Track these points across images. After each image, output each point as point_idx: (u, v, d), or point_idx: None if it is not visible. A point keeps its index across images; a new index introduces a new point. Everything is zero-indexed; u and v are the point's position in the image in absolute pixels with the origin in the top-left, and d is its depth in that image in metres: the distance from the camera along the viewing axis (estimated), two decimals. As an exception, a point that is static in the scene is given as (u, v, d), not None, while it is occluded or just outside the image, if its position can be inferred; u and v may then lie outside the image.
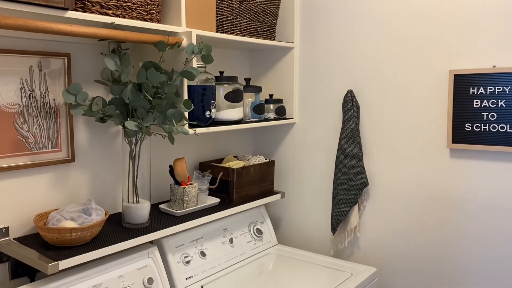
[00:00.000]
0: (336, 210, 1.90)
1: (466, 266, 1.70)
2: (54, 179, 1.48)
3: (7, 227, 1.37)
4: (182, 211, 1.65)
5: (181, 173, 1.67)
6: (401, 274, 1.85)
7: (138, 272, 1.46)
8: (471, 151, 1.65)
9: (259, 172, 1.94)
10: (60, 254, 1.26)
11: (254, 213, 2.01)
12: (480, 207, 1.65)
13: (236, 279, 1.68)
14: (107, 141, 1.63)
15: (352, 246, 1.97)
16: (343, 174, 1.88)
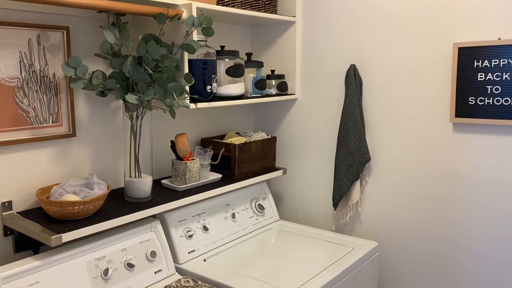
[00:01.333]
0: (338, 185, 1.90)
1: (467, 241, 1.70)
2: (56, 154, 1.48)
3: (10, 201, 1.37)
4: (184, 186, 1.66)
5: (182, 149, 1.67)
6: (402, 249, 1.86)
7: (141, 245, 1.48)
8: (475, 125, 1.64)
9: (260, 148, 1.94)
10: (63, 227, 1.27)
11: (256, 189, 2.01)
12: (483, 181, 1.65)
13: (238, 253, 1.69)
14: (108, 116, 1.62)
15: (354, 221, 1.98)
16: (345, 150, 1.88)
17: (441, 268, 1.78)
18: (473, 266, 1.70)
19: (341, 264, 1.59)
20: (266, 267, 1.57)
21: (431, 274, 1.80)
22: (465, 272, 1.72)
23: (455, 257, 1.74)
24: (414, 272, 1.84)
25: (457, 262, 1.74)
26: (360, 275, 1.67)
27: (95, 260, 1.35)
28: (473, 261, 1.70)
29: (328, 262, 1.61)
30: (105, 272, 1.34)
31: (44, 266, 1.24)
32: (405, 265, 1.86)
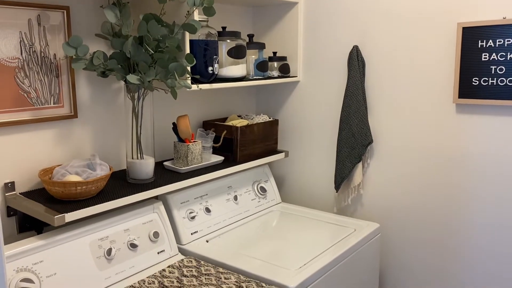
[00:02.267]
0: (340, 167, 1.90)
1: (469, 223, 1.71)
2: (58, 135, 1.48)
3: (13, 181, 1.38)
4: (187, 168, 1.66)
5: (184, 130, 1.66)
6: (404, 231, 1.87)
7: (143, 226, 1.48)
8: (478, 106, 1.63)
9: (262, 130, 1.94)
10: (66, 207, 1.28)
11: (258, 172, 2.01)
12: (487, 162, 1.64)
13: (241, 235, 1.70)
14: (110, 97, 1.62)
15: (356, 203, 1.98)
16: (348, 132, 1.87)
17: (442, 250, 1.78)
18: (474, 247, 1.71)
19: (343, 245, 1.60)
20: (269, 248, 1.58)
21: (433, 256, 1.81)
22: (466, 253, 1.73)
23: (456, 239, 1.74)
24: (415, 253, 1.85)
25: (458, 245, 1.74)
26: (361, 256, 1.68)
27: (98, 240, 1.35)
28: (475, 242, 1.70)
29: (330, 243, 1.62)
30: (108, 252, 1.35)
31: (47, 246, 1.25)
32: (407, 246, 1.87)
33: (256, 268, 1.42)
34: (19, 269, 1.17)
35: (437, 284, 1.81)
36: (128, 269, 1.39)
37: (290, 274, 1.39)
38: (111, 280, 1.34)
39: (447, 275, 1.79)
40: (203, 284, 1.34)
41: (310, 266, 1.44)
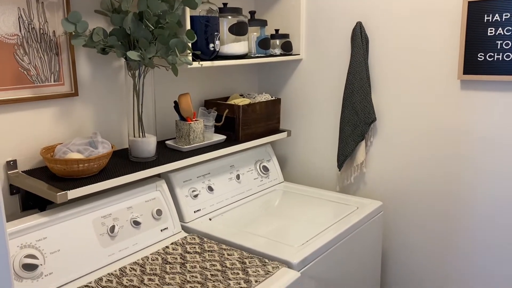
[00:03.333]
0: (343, 146, 1.89)
1: (472, 201, 1.70)
2: (59, 113, 1.47)
3: (15, 160, 1.37)
4: (189, 146, 1.65)
5: (186, 109, 1.65)
6: (407, 209, 1.87)
7: (146, 204, 1.49)
8: (483, 82, 1.61)
9: (265, 109, 1.92)
10: (68, 184, 1.28)
11: (260, 151, 2.00)
12: (491, 140, 1.63)
13: (244, 213, 1.70)
14: (111, 75, 1.60)
15: (358, 182, 1.98)
16: (351, 110, 1.85)
17: (445, 228, 1.78)
18: (477, 226, 1.71)
19: (346, 223, 1.60)
20: (271, 225, 1.58)
21: (436, 234, 1.81)
22: (469, 231, 1.73)
23: (460, 217, 1.74)
24: (418, 231, 1.85)
25: (461, 222, 1.74)
26: (364, 234, 1.68)
27: (101, 218, 1.36)
28: (478, 221, 1.70)
29: (332, 221, 1.62)
30: (111, 229, 1.35)
31: (50, 223, 1.25)
32: (410, 224, 1.87)
33: (259, 245, 1.42)
34: (23, 246, 1.17)
35: (440, 261, 1.82)
36: (131, 246, 1.39)
37: (293, 250, 1.39)
38: (115, 257, 1.34)
39: (450, 253, 1.79)
40: (206, 260, 1.34)
41: (312, 243, 1.45)
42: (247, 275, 1.26)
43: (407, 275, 1.91)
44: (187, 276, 1.26)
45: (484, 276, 1.72)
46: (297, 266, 1.33)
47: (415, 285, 1.90)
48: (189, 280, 1.24)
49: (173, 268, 1.30)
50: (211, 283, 1.22)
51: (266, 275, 1.26)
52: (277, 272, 1.29)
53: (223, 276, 1.26)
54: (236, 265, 1.31)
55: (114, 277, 1.25)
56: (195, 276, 1.26)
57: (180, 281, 1.23)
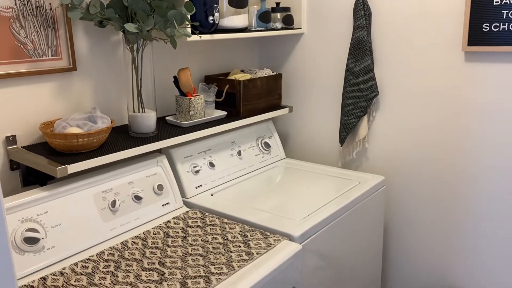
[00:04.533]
0: (345, 121, 1.88)
1: (475, 174, 1.69)
2: (57, 88, 1.45)
3: (14, 135, 1.37)
4: (189, 122, 1.64)
5: (186, 83, 1.63)
6: (409, 184, 1.86)
7: (147, 179, 1.48)
8: (488, 53, 1.57)
9: (266, 85, 1.90)
10: (68, 159, 1.27)
11: (261, 128, 1.99)
12: (497, 112, 1.61)
13: (245, 189, 1.70)
14: (109, 50, 1.58)
15: (360, 157, 1.97)
16: (353, 84, 1.83)
17: (448, 202, 1.78)
18: (480, 199, 1.70)
19: (347, 197, 1.59)
20: (273, 201, 1.58)
21: (438, 208, 1.81)
22: (471, 205, 1.72)
23: (462, 191, 1.73)
24: (421, 205, 1.85)
25: (464, 196, 1.73)
26: (366, 208, 1.68)
27: (102, 192, 1.35)
28: (480, 195, 1.69)
29: (334, 195, 1.61)
30: (112, 203, 1.35)
31: (51, 197, 1.25)
32: (412, 199, 1.86)
33: (261, 218, 1.42)
34: (24, 220, 1.17)
35: (442, 235, 1.82)
36: (133, 221, 1.39)
37: (295, 223, 1.39)
38: (116, 231, 1.35)
39: (452, 226, 1.79)
40: (208, 234, 1.34)
41: (314, 216, 1.44)
42: (249, 248, 1.26)
43: (409, 249, 1.91)
44: (189, 249, 1.26)
45: (486, 249, 1.72)
46: (299, 239, 1.33)
47: (417, 259, 1.90)
48: (191, 253, 1.24)
49: (175, 242, 1.30)
50: (213, 255, 1.23)
51: (267, 248, 1.26)
52: (279, 244, 1.29)
53: (225, 249, 1.26)
54: (237, 238, 1.31)
55: (116, 250, 1.25)
56: (197, 249, 1.26)
57: (182, 254, 1.24)
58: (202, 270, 1.15)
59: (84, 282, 1.11)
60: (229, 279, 1.12)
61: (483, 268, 1.74)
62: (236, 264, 1.18)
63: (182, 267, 1.17)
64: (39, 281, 1.10)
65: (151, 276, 1.13)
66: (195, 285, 1.09)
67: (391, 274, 1.99)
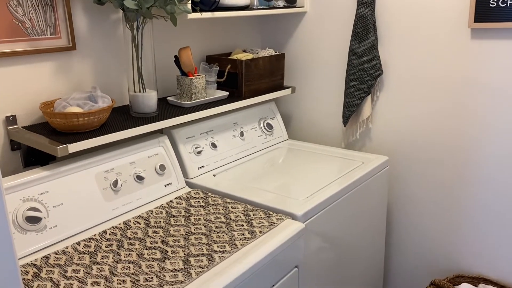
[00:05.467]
0: (348, 101, 1.85)
1: (481, 155, 1.67)
2: (57, 68, 1.44)
3: (14, 115, 1.35)
4: (191, 102, 1.62)
5: (187, 63, 1.61)
6: (413, 164, 1.84)
7: (149, 159, 1.47)
8: (495, 30, 1.54)
9: (268, 65, 1.87)
10: (68, 138, 1.26)
11: (264, 109, 1.97)
12: (503, 90, 1.58)
13: (248, 170, 1.68)
14: (109, 29, 1.56)
15: (364, 137, 1.95)
16: (357, 63, 1.80)
17: (451, 182, 1.76)
18: (485, 179, 1.68)
19: (351, 177, 1.58)
20: (276, 181, 1.57)
21: (441, 189, 1.79)
22: (474, 186, 1.71)
23: (466, 172, 1.72)
24: (424, 187, 1.83)
25: (467, 177, 1.72)
26: (370, 188, 1.67)
27: (103, 172, 1.34)
28: (486, 175, 1.68)
29: (337, 175, 1.60)
30: (114, 183, 1.34)
31: (52, 177, 1.24)
32: (416, 180, 1.85)
33: (264, 198, 1.41)
34: (25, 199, 1.17)
35: (445, 215, 1.81)
36: (135, 201, 1.39)
37: (297, 203, 1.38)
38: (119, 211, 1.34)
39: (455, 207, 1.78)
40: (210, 213, 1.34)
41: (317, 196, 1.43)
42: (252, 226, 1.25)
43: (412, 230, 1.91)
44: (191, 228, 1.25)
45: (489, 229, 1.71)
46: (302, 217, 1.32)
47: (420, 239, 1.90)
48: (194, 232, 1.23)
49: (177, 221, 1.30)
50: (216, 234, 1.22)
51: (270, 226, 1.25)
52: (282, 223, 1.28)
53: (228, 228, 1.25)
54: (240, 217, 1.31)
55: (118, 230, 1.25)
56: (200, 228, 1.26)
57: (185, 232, 1.23)
58: (205, 248, 1.15)
59: (86, 260, 1.11)
60: (232, 257, 1.11)
61: (487, 247, 1.73)
62: (239, 242, 1.17)
63: (185, 245, 1.16)
64: (42, 259, 1.10)
65: (154, 254, 1.13)
66: (198, 263, 1.08)
67: (394, 254, 1.99)
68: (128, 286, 1.00)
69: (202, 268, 1.06)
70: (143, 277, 1.03)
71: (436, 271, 1.88)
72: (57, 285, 1.00)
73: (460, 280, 1.75)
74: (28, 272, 1.05)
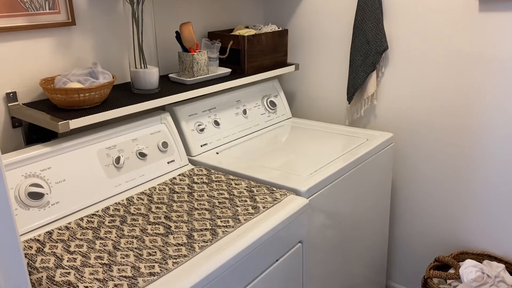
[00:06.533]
0: (353, 77, 1.82)
1: (487, 132, 1.65)
2: (56, 43, 1.41)
3: (14, 91, 1.34)
4: (193, 79, 1.60)
5: (188, 38, 1.58)
6: (418, 141, 1.82)
7: (152, 136, 1.46)
8: (504, 2, 1.50)
9: (271, 41, 1.84)
10: (69, 115, 1.24)
11: (267, 86, 1.95)
12: (508, 67, 1.55)
13: (251, 148, 1.67)
14: (109, 4, 1.53)
15: (369, 115, 1.92)
16: (362, 38, 1.77)
17: (455, 160, 1.74)
18: (490, 157, 1.66)
19: (355, 153, 1.57)
20: (280, 158, 1.56)
21: (446, 166, 1.77)
22: (479, 164, 1.69)
23: (472, 149, 1.69)
24: (429, 164, 1.82)
25: (472, 155, 1.70)
26: (374, 164, 1.65)
27: (105, 149, 1.33)
28: (491, 152, 1.66)
29: (341, 152, 1.58)
30: (117, 160, 1.33)
31: (54, 153, 1.23)
32: (420, 157, 1.83)
33: (267, 175, 1.40)
34: (27, 175, 1.16)
35: (450, 193, 1.80)
36: (138, 178, 1.38)
37: (301, 179, 1.37)
38: (121, 187, 1.33)
39: (459, 185, 1.76)
40: (213, 190, 1.33)
41: (321, 172, 1.42)
42: (255, 202, 1.24)
43: (417, 207, 1.90)
44: (194, 204, 1.25)
45: (494, 205, 1.70)
46: (305, 193, 1.31)
47: (424, 216, 1.89)
48: (197, 208, 1.23)
49: (180, 197, 1.29)
50: (219, 209, 1.21)
51: (274, 202, 1.24)
52: (285, 199, 1.27)
53: (231, 203, 1.24)
54: (243, 193, 1.30)
55: (121, 206, 1.25)
56: (203, 203, 1.25)
57: (188, 208, 1.23)
58: (208, 223, 1.14)
59: (89, 235, 1.10)
60: (235, 232, 1.11)
61: (491, 224, 1.72)
62: (242, 217, 1.17)
63: (188, 220, 1.16)
64: (45, 235, 1.10)
65: (157, 229, 1.12)
66: (202, 237, 1.08)
67: (398, 231, 1.98)
68: (132, 260, 1.00)
69: (206, 242, 1.06)
70: (146, 251, 1.03)
71: (440, 248, 1.87)
72: (61, 260, 1.00)
73: (465, 256, 1.75)
74: (32, 247, 1.05)
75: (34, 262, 0.99)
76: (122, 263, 0.99)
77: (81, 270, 0.97)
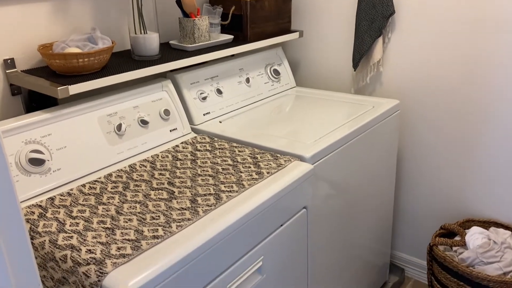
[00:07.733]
0: (359, 43, 1.78)
1: (492, 102, 1.60)
2: (54, 9, 1.37)
3: (12, 58, 1.31)
4: (194, 45, 1.56)
5: (189, 3, 1.53)
6: (424, 109, 1.78)
7: (153, 104, 1.43)
8: (517, -40, 1.44)
9: (274, 7, 1.79)
10: (69, 80, 1.22)
11: (270, 54, 1.90)
12: (519, 26, 1.50)
13: (255, 116, 1.64)
14: (105, -32, 1.48)
15: (375, 82, 1.88)
16: (367, 2, 1.71)
17: (462, 129, 1.71)
18: (495, 126, 1.63)
19: (360, 120, 1.54)
20: (284, 126, 1.53)
21: (452, 135, 1.74)
22: (485, 133, 1.65)
23: (479, 118, 1.66)
24: (436, 132, 1.79)
25: (479, 123, 1.66)
26: (380, 132, 1.62)
27: (106, 116, 1.31)
28: (495, 121, 1.62)
29: (346, 119, 1.55)
30: (118, 127, 1.31)
31: (54, 119, 1.21)
32: (427, 125, 1.80)
33: (271, 142, 1.38)
34: (27, 141, 1.14)
35: (456, 161, 1.77)
36: (140, 145, 1.36)
37: (306, 146, 1.34)
38: (124, 155, 1.32)
39: (466, 154, 1.73)
40: (217, 157, 1.31)
41: (326, 138, 1.40)
42: (259, 168, 1.23)
43: (423, 176, 1.88)
44: (198, 170, 1.23)
45: (499, 177, 1.68)
46: (310, 159, 1.29)
47: (430, 183, 1.87)
48: (200, 174, 1.21)
49: (183, 164, 1.27)
50: (223, 175, 1.20)
51: (278, 168, 1.22)
52: (290, 165, 1.25)
53: (235, 170, 1.23)
54: (247, 160, 1.28)
55: (124, 172, 1.23)
56: (206, 170, 1.23)
57: (191, 174, 1.21)
58: (212, 188, 1.13)
59: (92, 201, 1.09)
60: (239, 196, 1.09)
61: (497, 191, 1.70)
62: (246, 182, 1.15)
63: (192, 186, 1.14)
64: (47, 201, 1.09)
65: (161, 195, 1.11)
66: (205, 201, 1.06)
67: (404, 199, 1.97)
68: (135, 224, 0.98)
69: (210, 206, 1.04)
70: (149, 215, 1.02)
71: (446, 216, 1.86)
72: (63, 224, 0.99)
73: (471, 224, 1.74)
74: (34, 213, 1.04)
75: (37, 227, 0.99)
76: (125, 227, 0.98)
77: (83, 234, 0.96)
